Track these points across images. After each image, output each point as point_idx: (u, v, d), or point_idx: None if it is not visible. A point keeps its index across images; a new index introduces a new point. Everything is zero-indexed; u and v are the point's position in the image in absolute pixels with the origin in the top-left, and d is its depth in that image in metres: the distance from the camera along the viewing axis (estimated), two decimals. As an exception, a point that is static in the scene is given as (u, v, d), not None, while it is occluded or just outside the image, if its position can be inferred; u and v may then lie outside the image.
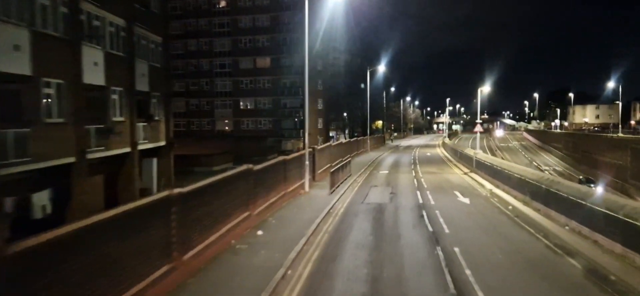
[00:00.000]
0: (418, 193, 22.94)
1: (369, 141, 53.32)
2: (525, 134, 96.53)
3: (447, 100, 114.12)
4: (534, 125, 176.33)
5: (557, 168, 50.13)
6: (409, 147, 69.52)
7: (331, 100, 75.48)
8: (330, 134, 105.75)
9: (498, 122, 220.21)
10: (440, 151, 58.28)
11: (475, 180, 27.42)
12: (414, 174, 31.48)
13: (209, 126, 61.71)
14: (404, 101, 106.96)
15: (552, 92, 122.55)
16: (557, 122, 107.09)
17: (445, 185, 25.90)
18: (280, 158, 19.45)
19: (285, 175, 19.22)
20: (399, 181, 28.04)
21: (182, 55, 60.48)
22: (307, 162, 22.11)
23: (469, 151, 37.57)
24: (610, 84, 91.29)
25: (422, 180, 28.06)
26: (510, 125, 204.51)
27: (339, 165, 26.24)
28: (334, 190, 22.11)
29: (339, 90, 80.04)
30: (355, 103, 73.32)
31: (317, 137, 61.92)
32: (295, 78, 58.81)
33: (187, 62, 61.82)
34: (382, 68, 58.87)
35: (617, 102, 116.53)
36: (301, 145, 61.40)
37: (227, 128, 61.81)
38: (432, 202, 20.12)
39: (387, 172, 33.49)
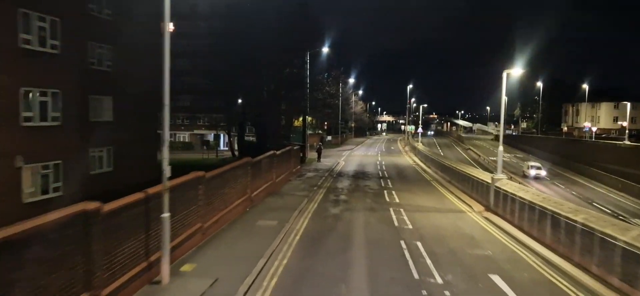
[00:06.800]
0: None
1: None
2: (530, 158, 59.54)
3: (409, 87, 74.44)
4: (492, 128, 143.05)
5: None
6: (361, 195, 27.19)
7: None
8: (214, 138, 62.11)
9: (449, 123, 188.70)
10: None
11: None
12: None
13: None
14: (344, 84, 64.80)
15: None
16: (588, 125, 70.44)
17: None
18: None
19: None
20: None
21: None
22: None
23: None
24: None
25: None
26: (464, 127, 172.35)
27: None
28: None
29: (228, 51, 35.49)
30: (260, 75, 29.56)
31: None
32: None
33: None
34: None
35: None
36: None
37: None
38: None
39: None
